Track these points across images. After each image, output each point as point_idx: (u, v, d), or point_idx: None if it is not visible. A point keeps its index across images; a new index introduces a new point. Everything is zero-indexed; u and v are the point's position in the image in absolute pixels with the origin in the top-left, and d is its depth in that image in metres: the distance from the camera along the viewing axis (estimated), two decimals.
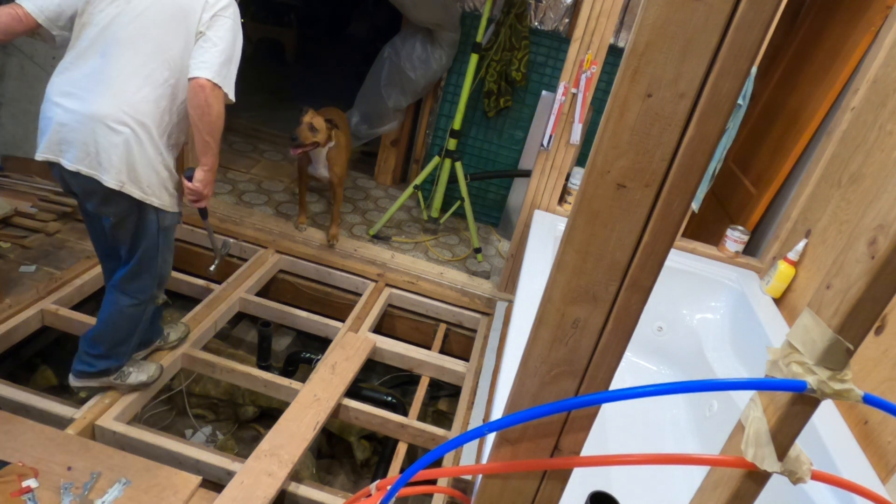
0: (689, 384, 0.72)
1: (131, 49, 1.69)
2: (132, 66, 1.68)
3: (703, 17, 0.59)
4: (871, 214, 0.64)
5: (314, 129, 2.81)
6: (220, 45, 1.73)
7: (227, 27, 1.76)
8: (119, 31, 1.69)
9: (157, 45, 1.70)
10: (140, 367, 2.05)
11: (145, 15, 1.71)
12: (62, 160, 1.68)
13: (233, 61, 1.78)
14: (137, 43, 1.69)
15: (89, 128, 1.65)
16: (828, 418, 1.79)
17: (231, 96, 1.79)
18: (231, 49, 1.77)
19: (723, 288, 2.59)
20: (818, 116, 2.55)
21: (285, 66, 6.80)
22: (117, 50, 1.68)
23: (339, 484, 2.44)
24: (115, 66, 1.68)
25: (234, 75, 1.80)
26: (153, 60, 1.69)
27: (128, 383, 2.01)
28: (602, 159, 0.67)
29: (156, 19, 1.71)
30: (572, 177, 2.78)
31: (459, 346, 3.02)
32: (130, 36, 1.69)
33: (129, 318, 1.92)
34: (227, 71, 1.76)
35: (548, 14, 3.42)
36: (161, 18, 1.71)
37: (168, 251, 1.93)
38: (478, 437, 0.87)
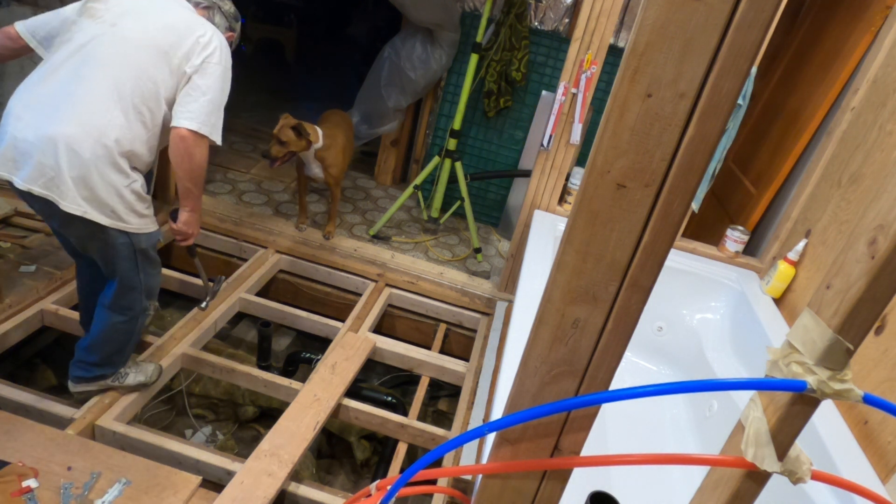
0: (689, 384, 0.72)
1: (107, 71, 1.63)
2: (104, 88, 1.62)
3: (703, 17, 0.59)
4: (871, 214, 0.64)
5: (282, 141, 2.78)
6: (209, 94, 1.73)
7: (217, 74, 1.75)
8: (97, 51, 1.65)
9: (135, 70, 1.65)
10: (139, 368, 2.04)
11: (128, 39, 1.67)
12: (14, 178, 1.58)
13: (221, 107, 1.79)
14: (114, 65, 1.64)
15: (50, 147, 1.56)
16: (828, 418, 1.79)
17: (218, 141, 1.78)
18: (220, 97, 1.77)
19: (723, 288, 2.59)
20: (818, 116, 2.55)
21: (285, 66, 6.81)
22: (92, 70, 1.63)
23: (339, 484, 2.44)
24: (86, 87, 1.62)
25: (221, 119, 1.79)
26: (128, 85, 1.64)
27: (126, 384, 2.00)
28: (602, 159, 0.67)
29: (138, 45, 1.67)
30: (572, 177, 2.78)
31: (459, 346, 3.02)
32: (108, 57, 1.64)
33: (122, 332, 1.90)
34: (214, 119, 1.75)
35: (548, 14, 3.42)
36: (144, 45, 1.67)
37: (151, 266, 1.86)
38: (478, 437, 0.87)
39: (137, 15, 1.71)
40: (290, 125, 2.78)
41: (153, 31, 1.69)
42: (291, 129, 2.78)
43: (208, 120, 1.72)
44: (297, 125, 2.79)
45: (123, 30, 1.68)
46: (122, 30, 1.68)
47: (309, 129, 2.85)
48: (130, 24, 1.69)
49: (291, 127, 2.78)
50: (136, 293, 1.85)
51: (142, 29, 1.69)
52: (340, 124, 3.20)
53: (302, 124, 2.81)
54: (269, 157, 2.79)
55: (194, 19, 1.78)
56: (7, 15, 2.87)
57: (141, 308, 1.90)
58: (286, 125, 2.79)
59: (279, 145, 2.79)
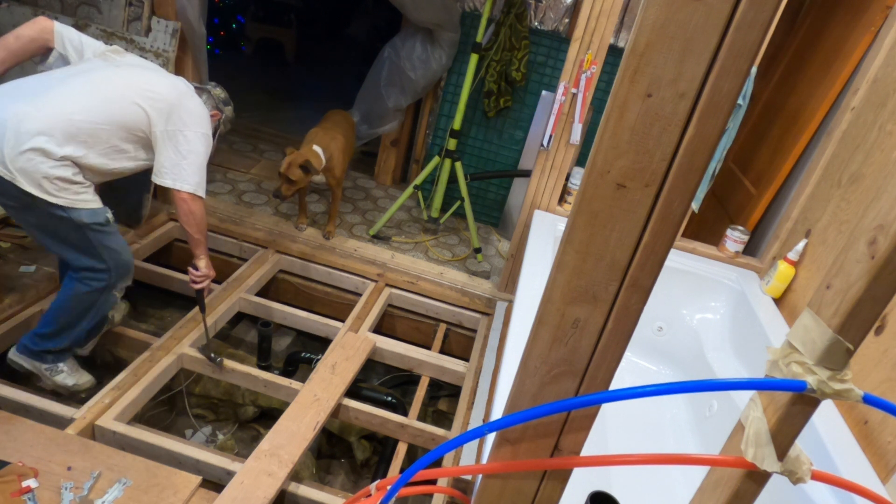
0: (689, 384, 0.72)
1: (90, 86, 1.85)
2: (79, 96, 1.82)
3: (703, 17, 0.59)
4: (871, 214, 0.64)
5: (291, 181, 2.80)
6: (190, 157, 1.95)
7: (197, 139, 1.96)
8: (91, 73, 1.88)
9: (112, 94, 1.86)
10: (73, 372, 2.10)
11: (122, 76, 1.92)
12: None
13: (203, 167, 2.00)
14: (98, 84, 1.86)
15: (3, 122, 1.71)
16: (828, 418, 1.79)
17: (204, 196, 2.02)
18: (203, 157, 1.99)
19: (723, 288, 2.59)
20: (818, 116, 2.55)
21: (285, 66, 6.81)
22: (78, 81, 1.86)
23: (339, 484, 2.44)
24: (64, 89, 1.82)
25: (205, 177, 2.02)
26: (100, 101, 1.83)
27: (53, 380, 2.06)
28: (602, 159, 0.67)
29: (128, 80, 1.92)
30: (572, 177, 2.78)
31: (459, 346, 3.02)
32: (98, 79, 1.88)
33: (81, 301, 1.99)
34: (200, 178, 1.99)
35: (548, 14, 3.42)
36: (133, 82, 1.91)
37: (111, 240, 1.96)
38: (478, 437, 0.87)
39: (142, 69, 2.01)
40: (298, 163, 2.77)
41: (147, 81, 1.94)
42: (300, 168, 2.78)
43: (202, 182, 1.99)
44: (306, 163, 2.78)
45: (123, 70, 1.95)
46: (122, 69, 1.95)
47: (314, 159, 2.83)
48: (132, 71, 1.97)
49: (300, 165, 2.77)
50: (98, 266, 1.96)
51: (138, 76, 1.95)
52: (341, 124, 3.20)
53: (309, 161, 2.79)
54: (280, 197, 2.82)
55: (188, 90, 2.02)
56: (7, 15, 2.86)
57: (106, 283, 1.99)
58: (294, 163, 2.77)
59: (289, 184, 2.80)
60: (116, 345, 2.45)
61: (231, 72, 5.86)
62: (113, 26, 2.83)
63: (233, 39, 6.63)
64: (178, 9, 2.75)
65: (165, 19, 2.78)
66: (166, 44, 2.80)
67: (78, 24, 2.83)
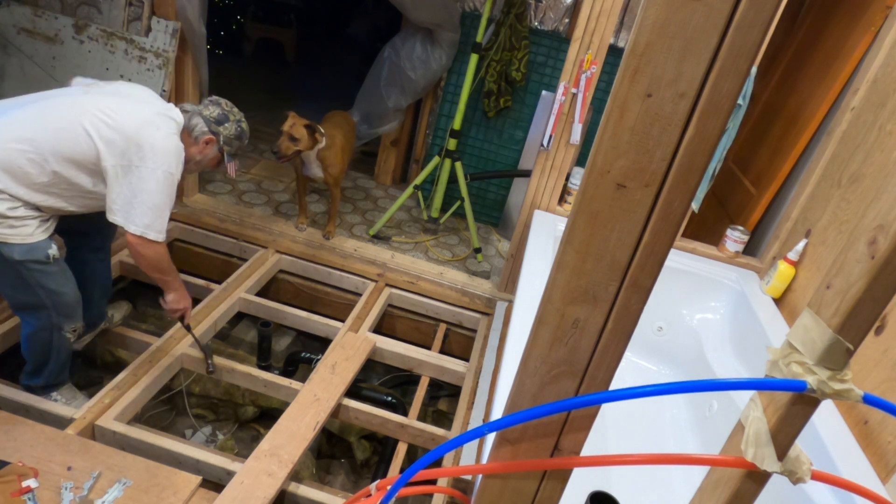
0: (689, 384, 0.72)
1: (39, 113, 1.71)
2: (29, 120, 1.68)
3: (703, 18, 0.59)
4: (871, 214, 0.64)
5: (294, 138, 2.79)
6: (142, 196, 1.74)
7: (151, 177, 1.74)
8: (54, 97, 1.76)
9: (61, 122, 1.70)
10: (70, 400, 2.05)
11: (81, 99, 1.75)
12: None
13: (159, 207, 1.78)
14: (49, 112, 1.71)
15: None
16: (828, 418, 1.79)
17: (161, 238, 1.82)
18: (157, 196, 1.76)
19: (723, 288, 2.59)
20: (818, 116, 2.55)
21: (285, 66, 6.81)
22: (31, 107, 1.71)
23: (339, 484, 2.44)
24: (12, 115, 1.69)
25: (164, 217, 1.81)
26: (48, 130, 1.68)
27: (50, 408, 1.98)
28: (602, 159, 0.67)
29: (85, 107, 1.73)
30: (572, 177, 2.78)
31: (459, 346, 3.02)
32: (53, 103, 1.73)
33: (36, 342, 1.92)
34: (152, 220, 1.77)
35: (548, 14, 3.42)
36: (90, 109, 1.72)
37: (49, 280, 1.80)
38: (478, 437, 0.87)
39: (112, 97, 1.80)
40: (303, 123, 2.80)
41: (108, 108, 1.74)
42: (305, 128, 2.80)
43: (153, 224, 1.78)
44: (311, 124, 2.81)
45: (87, 97, 1.77)
46: (88, 96, 1.77)
47: (318, 126, 2.87)
48: (97, 98, 1.77)
49: (305, 125, 2.80)
50: (35, 305, 1.83)
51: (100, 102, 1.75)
52: (341, 124, 3.20)
53: (314, 124, 2.83)
54: (279, 154, 2.79)
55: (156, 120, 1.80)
56: (7, 15, 2.86)
57: (48, 323, 1.87)
58: (298, 123, 2.80)
59: (290, 142, 2.80)
60: (116, 345, 2.45)
61: (231, 72, 5.86)
62: (113, 26, 2.83)
63: (233, 39, 6.63)
64: (178, 9, 2.75)
65: (165, 19, 2.78)
66: (166, 44, 2.80)
67: (78, 24, 2.83)
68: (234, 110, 2.04)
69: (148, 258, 1.83)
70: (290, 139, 2.79)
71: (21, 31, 2.88)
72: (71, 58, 2.88)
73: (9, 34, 2.88)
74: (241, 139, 2.06)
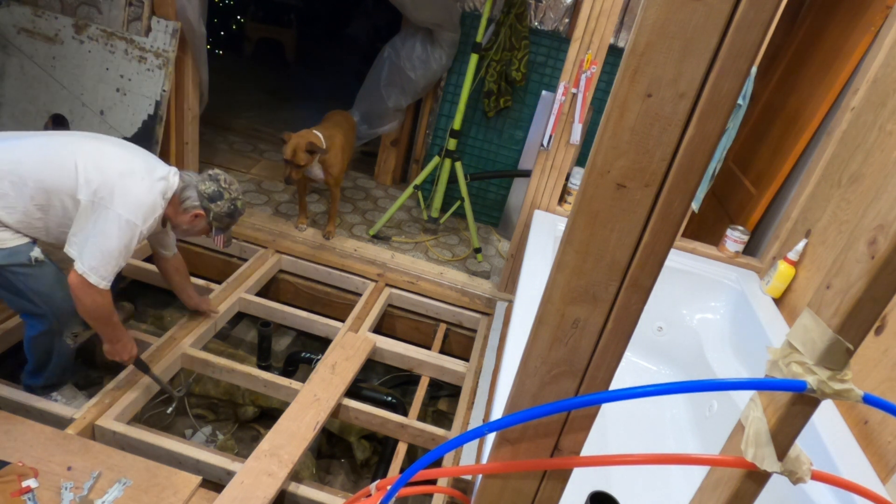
0: (689, 384, 0.72)
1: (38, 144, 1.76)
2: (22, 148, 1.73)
3: (703, 17, 0.59)
4: (871, 214, 0.64)
5: (299, 166, 2.81)
6: (99, 238, 1.71)
7: (114, 223, 1.72)
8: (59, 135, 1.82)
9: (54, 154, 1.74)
10: (70, 400, 2.05)
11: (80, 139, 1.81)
12: None
13: (111, 254, 1.73)
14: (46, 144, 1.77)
15: None
16: (828, 418, 1.79)
17: (104, 285, 1.74)
18: (114, 244, 1.72)
19: (723, 288, 2.59)
20: (818, 116, 2.55)
21: (285, 66, 6.81)
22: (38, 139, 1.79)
23: (339, 484, 2.44)
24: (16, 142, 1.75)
25: (111, 265, 1.74)
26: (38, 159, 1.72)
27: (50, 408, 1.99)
28: (602, 159, 0.67)
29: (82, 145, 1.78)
30: (572, 177, 2.78)
31: (459, 346, 3.02)
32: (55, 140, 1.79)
33: (38, 345, 1.92)
34: (99, 264, 1.72)
35: (548, 14, 3.42)
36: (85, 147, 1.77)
37: (42, 285, 1.80)
38: (478, 437, 0.87)
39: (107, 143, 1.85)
40: (303, 147, 2.78)
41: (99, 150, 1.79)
42: (306, 152, 2.79)
43: (99, 268, 1.71)
44: (309, 145, 2.79)
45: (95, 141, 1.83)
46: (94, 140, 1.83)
47: (317, 141, 2.85)
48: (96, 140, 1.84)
49: (305, 149, 2.79)
50: (34, 311, 1.84)
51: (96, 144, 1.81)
52: (342, 124, 3.20)
53: (312, 142, 2.80)
54: (291, 182, 2.85)
55: (144, 173, 1.81)
56: (7, 15, 2.86)
57: (49, 327, 1.87)
58: (300, 147, 2.78)
59: (298, 168, 2.82)
60: None
61: (231, 72, 5.86)
62: (113, 26, 2.83)
63: (233, 39, 6.63)
64: (178, 9, 2.75)
65: (165, 19, 2.78)
66: (166, 44, 2.80)
67: (78, 24, 2.84)
68: (231, 188, 2.00)
69: (85, 304, 1.75)
70: (295, 167, 2.82)
71: (21, 31, 2.88)
72: (71, 58, 2.88)
73: (9, 34, 2.88)
74: (233, 216, 2.03)
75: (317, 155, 2.84)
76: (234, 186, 2.01)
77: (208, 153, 3.86)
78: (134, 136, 2.92)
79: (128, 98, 2.89)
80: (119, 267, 1.76)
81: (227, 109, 4.58)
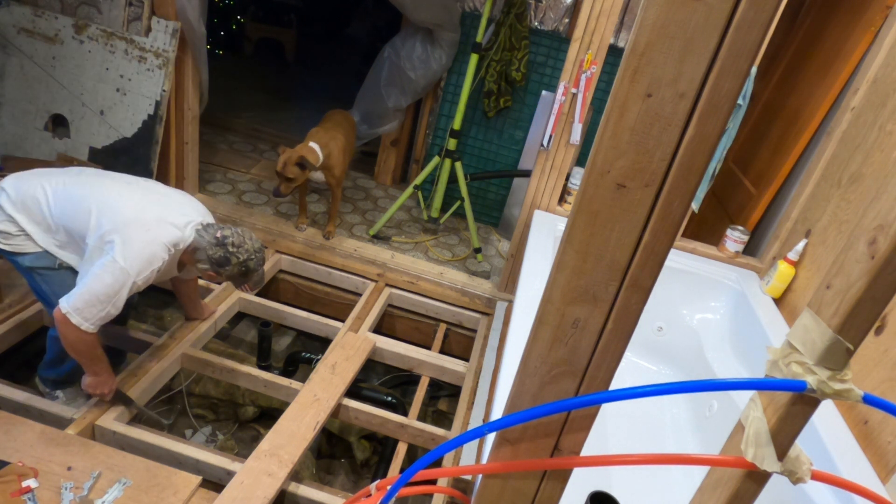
0: (689, 384, 0.72)
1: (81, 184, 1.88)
2: (64, 187, 1.84)
3: (703, 17, 0.59)
4: (871, 214, 0.64)
5: (289, 179, 2.78)
6: (90, 280, 1.70)
7: (108, 269, 1.71)
8: (106, 177, 1.95)
9: (81, 204, 1.82)
10: (69, 401, 2.07)
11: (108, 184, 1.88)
12: None
13: (97, 299, 1.70)
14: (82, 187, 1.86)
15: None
16: (828, 418, 1.79)
17: (86, 326, 1.72)
18: (102, 289, 1.70)
19: (723, 288, 2.59)
20: (818, 116, 2.55)
21: (285, 66, 6.81)
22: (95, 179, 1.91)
23: (339, 484, 2.44)
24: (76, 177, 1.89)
25: (95, 310, 1.71)
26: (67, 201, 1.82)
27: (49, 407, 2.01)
28: (602, 159, 0.67)
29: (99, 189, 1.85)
30: (572, 177, 2.78)
31: (459, 346, 3.02)
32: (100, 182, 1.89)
33: (57, 342, 1.95)
34: (83, 306, 1.70)
35: (548, 14, 3.42)
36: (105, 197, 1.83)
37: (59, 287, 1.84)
38: (478, 437, 0.87)
39: (142, 191, 1.92)
40: (294, 161, 2.76)
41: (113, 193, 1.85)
42: (296, 166, 2.77)
43: (84, 310, 1.70)
44: (301, 159, 2.77)
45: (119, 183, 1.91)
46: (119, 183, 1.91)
47: (310, 156, 2.82)
48: (126, 186, 1.91)
49: (296, 163, 2.77)
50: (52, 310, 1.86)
51: (122, 192, 1.87)
52: (342, 123, 3.20)
53: (304, 157, 2.78)
54: (279, 195, 2.81)
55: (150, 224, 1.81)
56: (7, 15, 2.86)
57: None
58: (290, 161, 2.76)
59: (287, 182, 2.80)
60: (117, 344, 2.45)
61: (231, 72, 5.86)
62: (113, 26, 2.83)
63: (233, 39, 6.63)
64: (178, 9, 2.75)
65: (165, 19, 2.78)
66: (166, 44, 2.80)
67: (78, 24, 2.84)
68: (239, 251, 1.88)
69: (67, 339, 1.75)
70: (285, 180, 2.80)
71: (21, 31, 2.88)
72: (71, 58, 2.88)
73: (9, 34, 2.88)
74: (247, 276, 1.95)
75: (308, 170, 2.82)
76: (244, 248, 1.89)
77: (208, 153, 3.86)
78: (134, 136, 2.92)
79: (128, 98, 2.89)
80: (106, 314, 1.73)
81: (227, 109, 4.58)
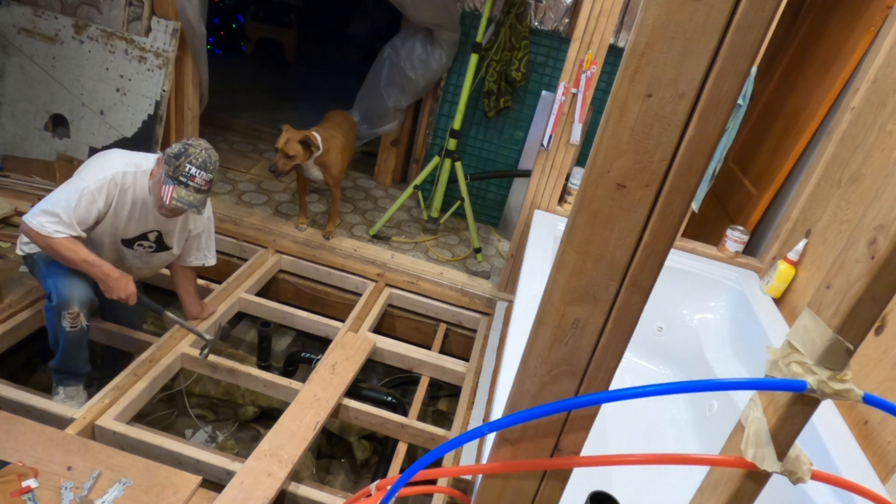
0: (689, 384, 0.72)
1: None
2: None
3: (703, 17, 0.59)
4: (871, 214, 0.64)
5: (289, 156, 2.78)
6: (51, 195, 1.91)
7: (73, 182, 1.93)
8: None
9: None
10: (67, 399, 2.08)
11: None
12: None
13: (55, 203, 1.88)
14: None
15: None
16: (828, 418, 1.79)
17: (33, 224, 1.86)
18: (60, 195, 1.90)
19: (723, 288, 2.59)
20: (818, 116, 2.55)
21: (285, 66, 6.81)
22: None
23: (339, 484, 2.44)
24: None
25: (52, 214, 1.87)
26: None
27: (53, 400, 2.04)
28: (602, 159, 0.67)
29: None
30: (572, 177, 2.78)
31: (459, 346, 3.02)
32: None
33: (49, 318, 2.05)
34: (43, 205, 1.88)
35: (548, 14, 3.42)
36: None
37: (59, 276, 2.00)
38: (478, 437, 0.87)
39: None
40: (297, 139, 2.77)
41: None
42: (299, 143, 2.77)
43: (38, 214, 1.87)
44: (305, 138, 2.78)
45: None
46: None
47: (313, 139, 2.84)
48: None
49: (299, 141, 2.77)
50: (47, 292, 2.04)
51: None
52: (342, 124, 3.20)
53: (308, 136, 2.79)
54: (276, 172, 2.80)
55: (114, 156, 2.03)
56: (7, 15, 2.87)
57: (51, 304, 2.00)
58: (293, 139, 2.76)
59: (286, 159, 2.79)
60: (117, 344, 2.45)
61: (231, 72, 5.86)
62: (113, 26, 2.83)
63: (233, 39, 6.63)
64: (178, 9, 2.75)
65: (165, 19, 2.79)
66: (166, 44, 2.80)
67: (78, 24, 2.84)
68: (194, 146, 1.97)
69: (42, 248, 1.93)
70: (285, 157, 2.78)
71: (21, 31, 2.88)
72: (71, 58, 2.88)
73: (9, 34, 2.88)
74: (179, 158, 1.93)
75: (311, 152, 2.82)
76: (200, 146, 1.97)
77: None
78: (134, 136, 2.92)
79: (128, 98, 2.89)
80: (59, 222, 1.86)
81: (227, 109, 4.58)
